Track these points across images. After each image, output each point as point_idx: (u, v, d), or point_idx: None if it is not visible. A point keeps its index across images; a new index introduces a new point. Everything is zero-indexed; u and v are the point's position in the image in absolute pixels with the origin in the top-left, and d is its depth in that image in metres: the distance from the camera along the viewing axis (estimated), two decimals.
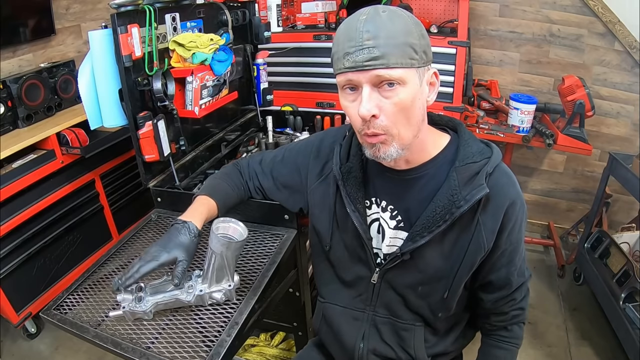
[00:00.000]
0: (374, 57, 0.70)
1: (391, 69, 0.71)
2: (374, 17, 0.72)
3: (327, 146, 0.99)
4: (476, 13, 2.38)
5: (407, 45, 0.72)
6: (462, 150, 0.83)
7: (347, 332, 0.99)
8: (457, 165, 0.82)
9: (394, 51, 0.71)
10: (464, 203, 0.79)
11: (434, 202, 0.83)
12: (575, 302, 2.20)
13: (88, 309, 0.98)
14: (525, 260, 0.93)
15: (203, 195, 1.02)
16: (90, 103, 1.25)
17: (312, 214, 1.00)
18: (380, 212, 0.91)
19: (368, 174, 0.92)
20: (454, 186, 0.81)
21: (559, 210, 2.71)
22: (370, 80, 0.73)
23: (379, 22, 0.71)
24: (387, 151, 0.77)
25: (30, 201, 1.88)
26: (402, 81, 0.72)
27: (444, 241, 0.85)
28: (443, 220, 0.81)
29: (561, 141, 2.13)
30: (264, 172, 1.09)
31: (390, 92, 0.73)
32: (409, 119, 0.76)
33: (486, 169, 0.81)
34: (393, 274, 0.91)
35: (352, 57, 0.71)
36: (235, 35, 1.61)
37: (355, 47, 0.71)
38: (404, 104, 0.74)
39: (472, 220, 0.83)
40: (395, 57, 0.71)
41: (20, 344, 2.01)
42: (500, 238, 0.84)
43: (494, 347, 1.00)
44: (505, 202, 0.82)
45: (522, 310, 0.96)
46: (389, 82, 0.72)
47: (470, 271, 0.86)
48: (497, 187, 0.81)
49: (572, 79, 2.09)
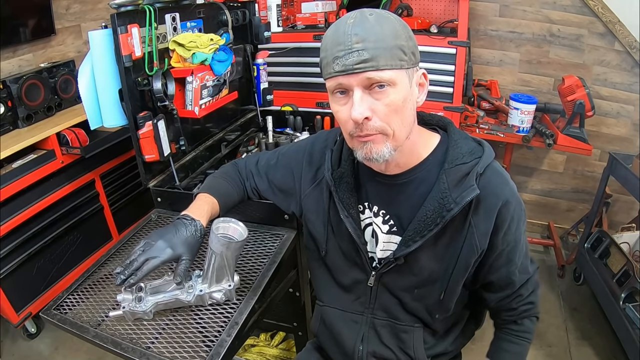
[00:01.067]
0: (364, 60, 0.70)
1: (381, 71, 0.71)
2: (361, 20, 0.71)
3: (319, 151, 0.98)
4: (476, 13, 2.38)
5: (395, 47, 0.72)
6: (451, 151, 0.82)
7: (346, 335, 0.99)
8: (446, 167, 0.81)
9: (383, 53, 0.71)
10: (454, 206, 0.79)
11: (424, 207, 0.82)
12: (575, 302, 2.20)
13: (88, 309, 0.98)
14: (528, 256, 0.92)
15: (205, 194, 1.02)
16: (90, 103, 1.25)
17: (307, 219, 1.00)
18: (372, 217, 0.91)
19: (360, 179, 0.91)
20: (444, 189, 0.80)
21: (559, 210, 2.71)
22: (361, 83, 0.72)
23: (367, 25, 0.71)
24: (379, 151, 0.76)
25: (30, 201, 1.88)
26: (392, 82, 0.72)
27: (437, 244, 0.85)
28: (434, 224, 0.81)
29: (561, 141, 2.13)
30: (259, 174, 1.09)
31: (381, 93, 0.73)
32: (402, 119, 0.76)
33: (476, 170, 0.80)
34: (389, 277, 0.91)
35: (342, 61, 0.71)
36: (235, 35, 1.61)
37: (345, 51, 0.71)
38: (396, 105, 0.74)
39: (464, 222, 0.82)
40: (385, 59, 0.71)
41: (20, 344, 2.01)
42: (496, 239, 0.83)
43: (504, 340, 1.00)
44: (497, 203, 0.80)
45: (532, 305, 0.96)
46: (380, 84, 0.72)
47: (466, 273, 0.86)
48: (488, 188, 0.80)
49: (572, 79, 2.09)
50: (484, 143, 0.86)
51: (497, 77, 2.50)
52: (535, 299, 0.96)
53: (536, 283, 0.96)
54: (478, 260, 0.85)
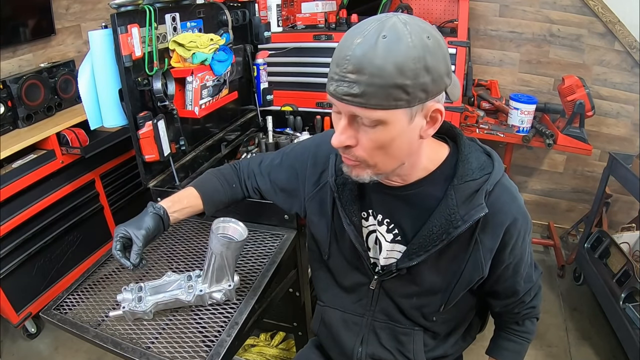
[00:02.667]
0: (353, 94, 0.64)
1: (369, 110, 0.65)
2: (369, 43, 0.63)
3: (324, 154, 0.96)
4: (476, 13, 2.38)
5: (394, 87, 0.63)
6: (460, 166, 0.79)
7: (346, 336, 0.99)
8: (455, 183, 0.78)
9: (376, 92, 0.63)
10: (462, 223, 0.77)
11: (430, 221, 0.80)
12: (575, 302, 2.20)
13: (88, 309, 0.98)
14: (532, 264, 0.93)
15: (189, 187, 1.03)
16: (90, 103, 1.25)
17: (310, 221, 0.99)
18: (376, 225, 0.89)
19: (364, 186, 0.88)
20: (452, 205, 0.78)
21: (559, 210, 2.71)
22: (348, 113, 0.68)
23: (370, 54, 0.62)
24: (360, 176, 0.75)
25: (30, 201, 1.88)
26: (381, 122, 0.67)
27: (441, 258, 0.83)
28: (440, 239, 0.79)
29: (561, 141, 2.13)
30: (262, 174, 1.08)
31: (367, 127, 0.68)
32: (387, 154, 0.71)
33: (486, 187, 0.77)
34: (390, 284, 0.91)
35: (334, 85, 0.66)
36: (235, 35, 1.61)
37: (339, 76, 0.65)
38: (382, 142, 0.69)
39: (471, 239, 0.80)
40: (377, 98, 0.64)
41: (20, 344, 2.01)
42: (502, 254, 0.82)
43: (504, 339, 1.01)
44: (505, 221, 0.79)
45: (533, 308, 0.97)
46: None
47: (468, 287, 0.85)
48: (497, 206, 0.78)
49: (572, 79, 2.09)
50: (493, 155, 0.83)
51: (497, 77, 2.50)
52: (537, 302, 0.97)
53: (539, 288, 0.97)
54: (481, 280, 0.85)
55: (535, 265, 0.95)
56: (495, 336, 1.05)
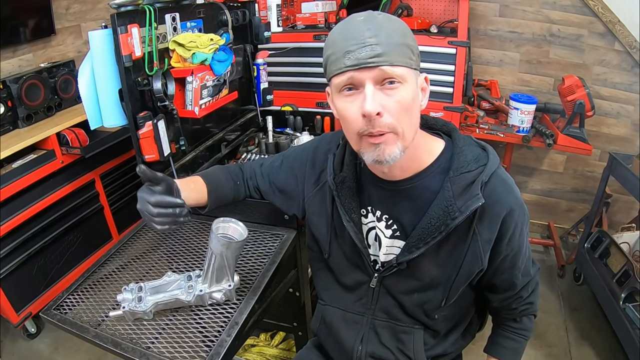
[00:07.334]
0: (378, 54, 0.70)
1: (395, 67, 0.71)
2: (372, 18, 0.72)
3: (322, 155, 0.98)
4: (476, 13, 2.38)
5: (405, 46, 0.72)
6: (456, 159, 0.81)
7: (346, 335, 0.99)
8: (451, 175, 0.80)
9: (395, 50, 0.71)
10: (459, 214, 0.78)
11: (428, 214, 0.82)
12: (575, 302, 2.20)
13: (88, 309, 0.98)
14: (530, 258, 0.93)
15: (196, 175, 1.03)
16: (90, 103, 1.25)
17: (310, 221, 1.00)
18: (375, 222, 0.90)
19: (362, 183, 0.91)
20: (449, 197, 0.79)
21: (559, 210, 2.71)
22: (374, 78, 0.71)
23: (378, 23, 0.71)
24: (391, 152, 0.74)
25: (30, 201, 1.88)
26: (404, 79, 0.72)
27: (440, 251, 0.85)
28: (438, 231, 0.81)
29: (561, 141, 2.13)
30: (262, 175, 1.10)
31: (392, 90, 0.72)
32: (411, 118, 0.75)
33: (481, 178, 0.79)
34: (391, 280, 0.91)
35: (355, 55, 0.70)
36: (235, 35, 1.61)
37: (358, 45, 0.70)
38: (407, 102, 0.73)
39: (468, 231, 0.82)
40: (397, 55, 0.71)
41: (20, 344, 2.01)
42: (500, 246, 0.83)
43: (502, 336, 1.02)
44: (502, 212, 0.80)
45: (530, 305, 0.97)
46: (391, 80, 0.71)
47: (468, 280, 0.86)
48: (493, 196, 0.80)
49: (572, 79, 2.09)
50: (488, 148, 0.85)
51: (497, 77, 2.50)
52: (534, 299, 0.97)
53: (537, 284, 0.97)
54: (481, 273, 0.85)
55: (533, 261, 0.96)
56: (493, 334, 1.05)
